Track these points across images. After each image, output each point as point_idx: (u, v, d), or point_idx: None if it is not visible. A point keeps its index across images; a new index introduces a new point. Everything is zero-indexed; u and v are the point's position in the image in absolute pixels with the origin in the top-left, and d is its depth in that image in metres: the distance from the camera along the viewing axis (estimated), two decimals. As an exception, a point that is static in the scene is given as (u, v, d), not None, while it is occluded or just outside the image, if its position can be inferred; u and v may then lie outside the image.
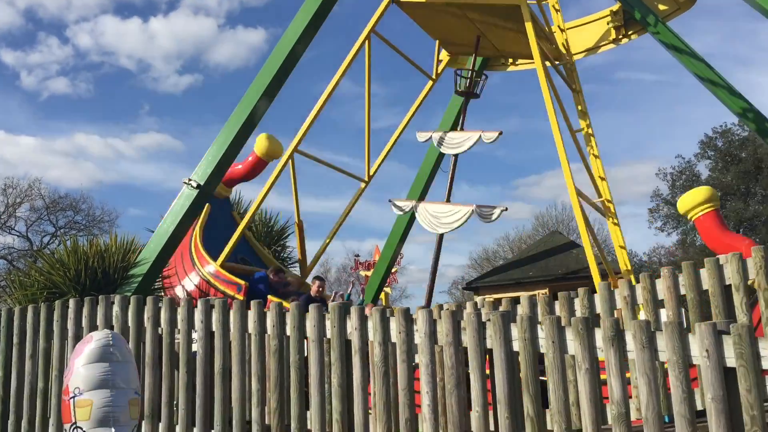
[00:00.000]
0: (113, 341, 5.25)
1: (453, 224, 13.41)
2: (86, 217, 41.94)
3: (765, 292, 6.18)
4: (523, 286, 15.93)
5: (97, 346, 5.14)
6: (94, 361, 5.09)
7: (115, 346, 5.23)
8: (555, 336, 5.07)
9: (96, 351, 5.12)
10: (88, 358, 5.10)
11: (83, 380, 5.04)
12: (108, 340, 5.22)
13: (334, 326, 6.09)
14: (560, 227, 45.64)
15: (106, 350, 5.16)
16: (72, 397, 5.02)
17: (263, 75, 11.90)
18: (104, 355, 5.14)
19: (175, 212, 11.39)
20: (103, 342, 5.18)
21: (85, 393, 5.01)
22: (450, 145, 14.05)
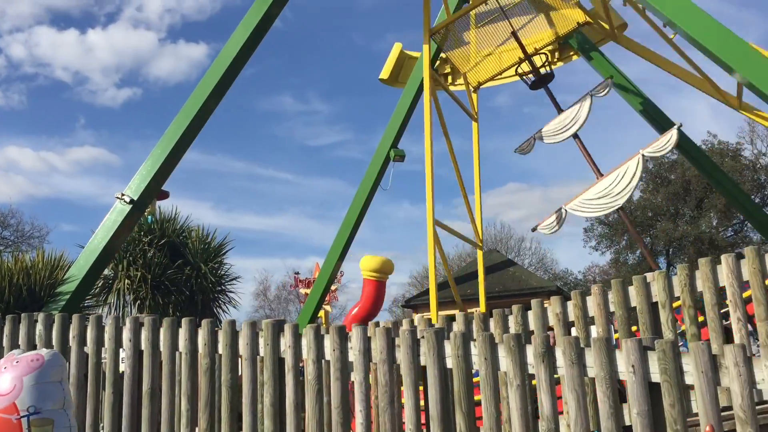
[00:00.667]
0: (61, 360, 5.18)
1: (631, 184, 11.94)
2: (15, 233, 40.43)
3: (689, 309, 6.38)
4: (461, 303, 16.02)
5: (49, 365, 5.04)
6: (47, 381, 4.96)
7: (63, 366, 5.17)
8: (488, 353, 5.11)
9: (48, 370, 5.01)
10: (41, 378, 4.98)
11: (38, 399, 4.91)
12: (58, 358, 5.15)
13: (268, 344, 5.99)
14: (499, 246, 46.31)
15: (57, 370, 5.07)
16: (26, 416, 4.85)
17: (201, 89, 11.73)
18: (55, 375, 5.04)
19: (106, 227, 11.06)
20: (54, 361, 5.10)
21: (44, 411, 4.88)
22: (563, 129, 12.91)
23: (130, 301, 16.17)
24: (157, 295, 15.76)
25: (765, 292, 6.02)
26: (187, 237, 17.06)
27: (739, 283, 6.14)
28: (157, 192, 12.08)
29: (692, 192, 38.23)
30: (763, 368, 4.25)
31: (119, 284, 15.77)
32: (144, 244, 15.97)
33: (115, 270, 15.77)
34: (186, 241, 16.84)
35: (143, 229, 16.02)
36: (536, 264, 48.67)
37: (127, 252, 15.72)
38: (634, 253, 43.06)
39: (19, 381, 5.00)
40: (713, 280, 6.25)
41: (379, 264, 12.81)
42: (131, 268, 15.69)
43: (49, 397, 5.01)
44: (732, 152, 38.69)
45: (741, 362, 4.29)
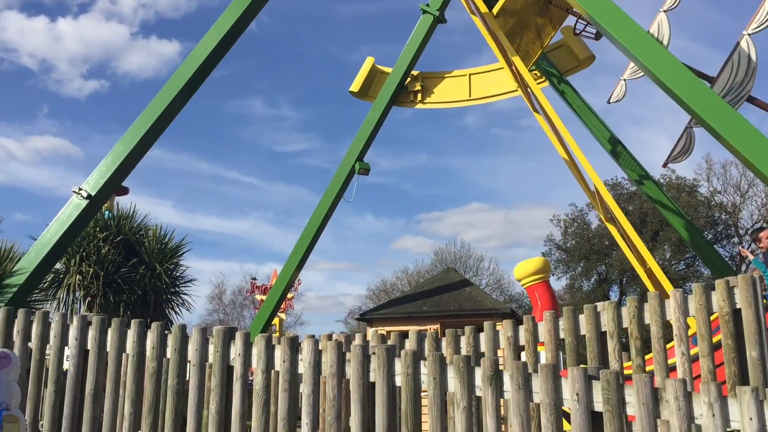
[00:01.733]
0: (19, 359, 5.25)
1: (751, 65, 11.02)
2: (-35, 219, 39.26)
3: (636, 340, 6.51)
4: (416, 320, 16.09)
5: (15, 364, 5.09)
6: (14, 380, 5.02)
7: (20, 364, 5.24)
8: (437, 373, 5.14)
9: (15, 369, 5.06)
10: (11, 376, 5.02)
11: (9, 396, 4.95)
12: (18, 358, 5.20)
13: (217, 351, 5.93)
14: (458, 264, 46.62)
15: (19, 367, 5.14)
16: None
17: (169, 87, 11.62)
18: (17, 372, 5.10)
19: (60, 221, 10.85)
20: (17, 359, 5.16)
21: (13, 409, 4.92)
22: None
23: (80, 298, 15.87)
24: (108, 293, 15.51)
25: (709, 329, 6.18)
26: (144, 235, 16.84)
27: (685, 318, 6.30)
28: (115, 189, 11.91)
29: (648, 224, 39.06)
30: (702, 404, 4.36)
31: (70, 279, 15.47)
32: (99, 240, 15.72)
33: (67, 265, 15.48)
34: (143, 240, 16.62)
35: (99, 225, 15.77)
36: (493, 285, 49.16)
37: (81, 247, 15.44)
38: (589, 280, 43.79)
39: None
40: (660, 314, 6.40)
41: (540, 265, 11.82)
42: (84, 263, 15.41)
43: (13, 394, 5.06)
44: (689, 188, 39.71)
45: (681, 396, 4.40)
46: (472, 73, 15.54)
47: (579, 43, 15.12)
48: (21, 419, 5.39)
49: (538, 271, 11.69)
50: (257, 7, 11.90)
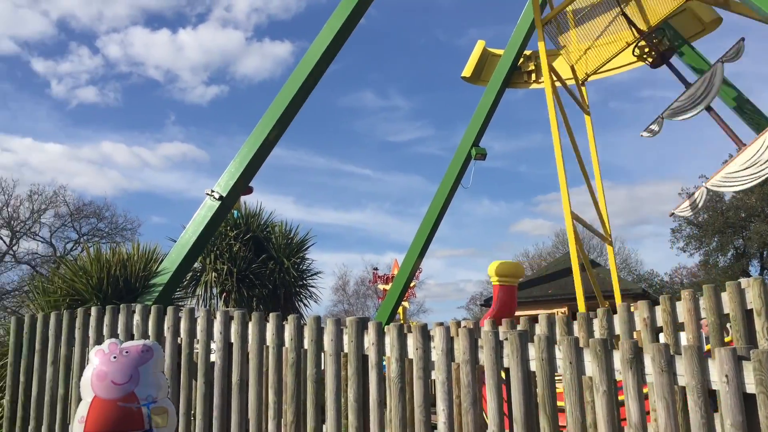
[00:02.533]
0: (162, 351, 5.45)
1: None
2: (109, 225, 42.45)
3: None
4: (542, 304, 15.84)
5: (159, 356, 5.35)
6: (159, 371, 5.27)
7: (163, 356, 5.45)
8: (573, 357, 5.06)
9: (159, 361, 5.32)
10: (154, 368, 5.27)
11: (155, 388, 5.21)
12: (161, 349, 5.42)
13: (352, 341, 6.11)
14: (581, 245, 45.28)
15: (162, 360, 5.38)
16: (146, 404, 5.15)
17: (288, 87, 11.99)
18: (162, 364, 5.36)
19: (197, 223, 11.49)
20: (160, 353, 5.38)
21: (160, 401, 5.19)
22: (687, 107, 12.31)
23: (217, 294, 16.75)
24: (242, 288, 16.26)
25: None
26: (271, 232, 17.51)
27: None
28: (244, 189, 12.45)
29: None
30: None
31: (207, 277, 16.36)
32: (230, 238, 16.51)
33: (203, 263, 16.37)
34: (270, 236, 17.29)
35: (229, 224, 16.55)
36: (620, 265, 47.38)
37: (215, 246, 16.29)
38: (725, 255, 41.35)
39: (135, 371, 5.27)
40: (814, 288, 5.97)
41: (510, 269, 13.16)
42: (218, 261, 16.25)
43: (160, 386, 5.30)
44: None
45: None
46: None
47: (704, 6, 14.25)
48: (170, 410, 5.63)
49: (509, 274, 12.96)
50: (366, 3, 12.04)
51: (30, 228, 40.15)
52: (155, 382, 5.35)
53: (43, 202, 40.32)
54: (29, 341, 7.85)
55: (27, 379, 7.76)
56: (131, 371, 5.25)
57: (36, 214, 40.18)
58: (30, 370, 7.77)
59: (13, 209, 39.41)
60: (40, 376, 7.66)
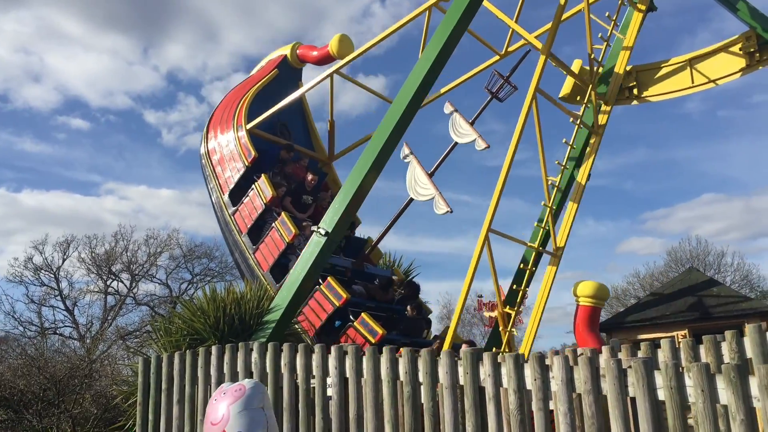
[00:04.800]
0: (263, 389, 5.46)
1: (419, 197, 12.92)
2: (219, 264, 44.04)
3: None
4: (660, 327, 15.11)
5: (251, 393, 5.36)
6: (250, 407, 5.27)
7: (264, 394, 5.45)
8: (705, 384, 4.79)
9: (250, 398, 5.34)
10: (245, 405, 5.30)
11: (244, 425, 5.24)
12: (259, 387, 5.44)
13: (467, 373, 6.04)
14: (695, 263, 43.11)
15: (259, 398, 5.37)
16: None
17: (386, 124, 12.14)
18: (258, 402, 5.34)
19: (305, 260, 11.75)
20: (254, 390, 5.39)
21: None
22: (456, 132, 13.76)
23: (326, 329, 16.99)
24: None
25: None
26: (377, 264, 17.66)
27: None
28: (349, 224, 12.67)
29: None
30: None
31: (316, 312, 16.66)
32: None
33: (312, 298, 16.69)
34: (376, 268, 17.43)
35: (335, 259, 16.83)
36: (740, 281, 44.68)
37: (323, 281, 16.58)
38: None
39: (226, 410, 5.42)
40: None
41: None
42: (326, 296, 16.51)
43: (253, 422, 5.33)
44: None
45: None
46: (693, 58, 14.42)
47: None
48: None
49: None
50: (460, 32, 12.09)
51: (147, 271, 42.35)
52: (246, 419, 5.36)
53: (158, 246, 42.46)
54: (156, 381, 8.23)
55: (155, 417, 8.12)
56: (224, 410, 5.37)
57: (152, 257, 42.35)
58: (158, 408, 8.13)
59: (131, 254, 41.75)
60: (167, 415, 8.00)
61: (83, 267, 40.53)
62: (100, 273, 40.61)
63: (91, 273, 40.56)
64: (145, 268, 42.09)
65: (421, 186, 12.94)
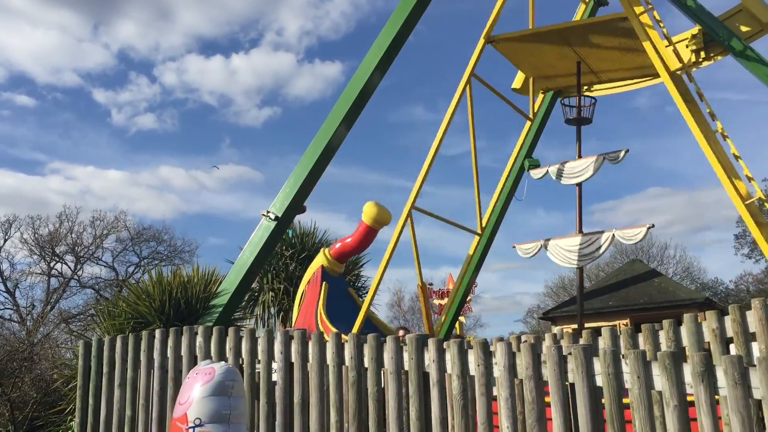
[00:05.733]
0: (234, 375, 5.33)
1: (594, 254, 13.19)
2: (168, 248, 43.34)
3: None
4: (603, 316, 15.50)
5: (219, 379, 5.24)
6: (214, 395, 5.16)
7: (235, 380, 5.31)
8: (641, 371, 4.91)
9: (218, 384, 5.21)
10: (209, 391, 5.19)
11: (204, 412, 5.13)
12: (230, 374, 5.30)
13: (412, 358, 6.08)
14: (639, 254, 44.22)
15: (227, 384, 5.24)
16: (192, 427, 5.10)
17: (340, 106, 12.12)
18: (224, 389, 5.21)
19: (254, 244, 11.66)
20: (224, 376, 5.27)
21: (206, 425, 5.09)
22: (571, 175, 13.80)
23: (275, 313, 16.94)
24: (299, 307, 16.39)
25: None
26: (326, 251, 17.63)
27: None
28: (299, 209, 12.59)
29: None
30: None
31: (264, 297, 16.59)
32: (286, 258, 16.71)
33: (260, 283, 16.59)
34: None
35: (285, 244, 16.75)
36: (682, 273, 46.07)
37: (271, 266, 16.50)
38: (794, 260, 39.81)
39: (190, 393, 5.29)
40: None
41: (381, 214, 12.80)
42: (275, 281, 16.46)
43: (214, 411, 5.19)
44: None
45: None
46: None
47: (760, 5, 13.83)
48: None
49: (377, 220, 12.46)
50: (415, 18, 12.10)
51: (93, 253, 41.40)
52: (206, 406, 5.23)
53: (105, 228, 41.48)
54: (97, 364, 8.06)
55: (95, 401, 7.96)
56: (190, 392, 5.24)
57: (98, 240, 41.37)
58: (98, 392, 7.97)
59: (77, 235, 40.73)
60: (107, 399, 7.85)
61: (25, 248, 39.39)
62: (43, 254, 39.51)
63: (34, 254, 39.45)
64: (91, 251, 41.15)
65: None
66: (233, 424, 5.14)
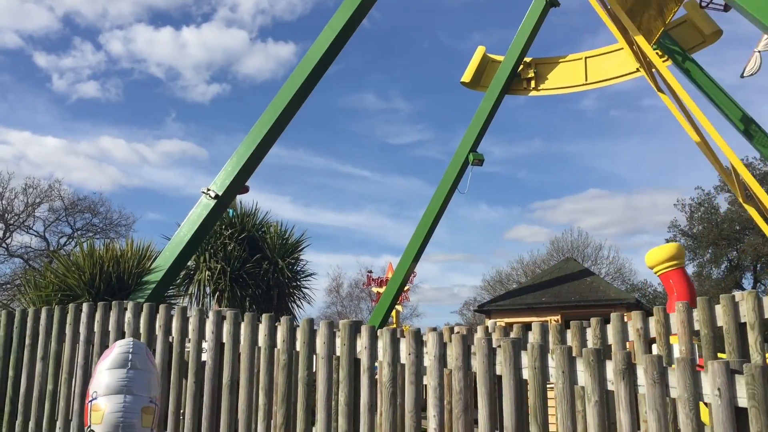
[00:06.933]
0: (134, 349, 5.29)
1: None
2: (104, 221, 42.24)
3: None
4: (536, 311, 15.83)
5: (118, 352, 5.23)
6: (113, 368, 5.14)
7: (136, 354, 5.27)
8: (565, 366, 5.04)
9: (117, 357, 5.20)
10: (109, 364, 5.18)
11: (101, 385, 5.13)
12: (129, 347, 5.28)
13: (344, 344, 6.08)
14: (575, 253, 45.35)
15: (125, 357, 5.22)
16: (90, 400, 5.10)
17: (288, 86, 11.96)
18: (123, 362, 5.18)
19: (191, 221, 11.45)
20: (124, 349, 5.26)
21: (100, 398, 5.08)
22: None
23: (210, 293, 16.68)
24: (235, 287, 16.20)
25: None
26: (266, 232, 17.46)
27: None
28: (240, 188, 12.42)
29: (785, 206, 36.43)
30: None
31: (200, 275, 16.30)
32: (225, 237, 16.45)
33: (197, 262, 16.30)
34: (265, 236, 17.24)
35: (224, 223, 16.50)
36: (614, 274, 47.45)
37: (209, 245, 16.22)
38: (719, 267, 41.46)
39: (95, 368, 5.32)
40: (808, 303, 5.97)
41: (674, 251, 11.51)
42: (212, 260, 16.18)
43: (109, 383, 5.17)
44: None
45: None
46: (589, 56, 15.04)
47: (704, 18, 14.29)
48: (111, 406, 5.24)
49: (672, 257, 11.06)
50: (369, 3, 12.04)
51: (24, 221, 40.00)
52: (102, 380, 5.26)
53: (37, 196, 40.12)
54: (19, 336, 7.80)
55: (16, 374, 7.71)
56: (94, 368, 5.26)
57: (30, 208, 40.00)
58: (19, 365, 7.72)
59: (7, 202, 39.25)
60: (29, 372, 7.61)
61: (-49, 212, 37.77)
62: (-31, 220, 37.97)
63: (-40, 219, 37.86)
64: (22, 219, 39.75)
65: None
66: (133, 396, 5.10)
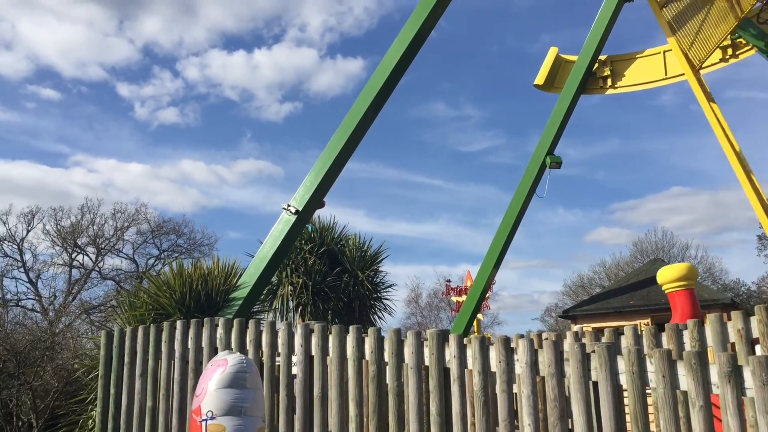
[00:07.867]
0: (247, 367, 5.25)
1: None
2: (188, 241, 43.58)
3: None
4: (624, 315, 15.36)
5: (232, 371, 5.17)
6: (227, 386, 5.09)
7: (249, 372, 5.23)
8: (666, 370, 4.85)
9: (230, 376, 5.14)
10: (222, 383, 5.13)
11: (216, 404, 5.07)
12: (243, 365, 5.21)
13: (433, 353, 6.05)
14: (660, 254, 43.82)
15: (240, 376, 5.16)
16: (204, 419, 5.06)
17: (361, 101, 12.08)
18: (237, 381, 5.14)
19: (274, 237, 11.67)
20: (237, 367, 5.19)
21: (218, 417, 5.03)
22: None
23: (293, 307, 16.95)
24: (317, 301, 16.42)
25: None
26: (345, 245, 17.63)
27: None
28: (319, 203, 12.58)
29: None
30: None
31: (283, 291, 16.60)
32: (305, 252, 16.71)
33: (279, 277, 16.61)
34: (344, 249, 17.42)
35: (304, 238, 16.76)
36: (703, 274, 45.53)
37: (290, 260, 16.51)
38: (818, 262, 39.24)
39: (205, 385, 5.25)
40: None
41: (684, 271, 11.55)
42: (294, 275, 16.46)
43: (227, 403, 5.10)
44: None
45: None
46: (667, 50, 14.55)
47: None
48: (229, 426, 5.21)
49: (681, 278, 11.33)
50: (438, 14, 12.04)
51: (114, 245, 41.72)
52: (217, 399, 5.16)
53: (125, 220, 41.80)
54: (119, 355, 8.12)
55: (117, 391, 8.02)
56: (204, 385, 5.19)
57: (119, 232, 41.69)
58: (119, 382, 8.03)
59: (98, 227, 41.08)
60: (129, 389, 7.90)
61: (48, 239, 39.81)
62: (65, 246, 39.91)
63: (56, 245, 39.85)
64: (112, 243, 41.48)
65: None
66: (246, 416, 5.08)
